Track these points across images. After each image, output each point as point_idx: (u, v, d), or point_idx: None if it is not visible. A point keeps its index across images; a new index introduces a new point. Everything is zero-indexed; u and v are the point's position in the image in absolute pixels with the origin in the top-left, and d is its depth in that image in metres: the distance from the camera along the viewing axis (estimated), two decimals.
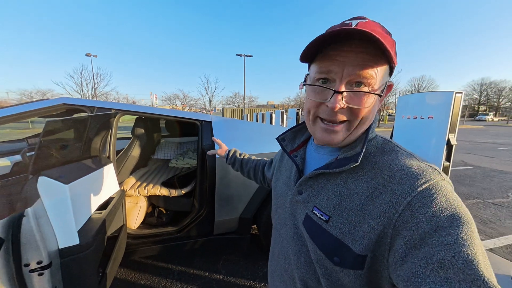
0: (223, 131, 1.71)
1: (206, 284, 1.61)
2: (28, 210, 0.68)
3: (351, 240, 0.36)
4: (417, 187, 0.32)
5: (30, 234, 0.68)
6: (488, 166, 5.30)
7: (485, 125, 24.40)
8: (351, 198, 0.37)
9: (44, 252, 0.70)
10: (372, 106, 0.38)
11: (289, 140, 0.55)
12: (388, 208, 0.33)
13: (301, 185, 0.46)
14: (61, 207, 0.75)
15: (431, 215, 0.29)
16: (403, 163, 0.36)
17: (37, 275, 0.70)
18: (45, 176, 0.71)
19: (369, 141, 0.41)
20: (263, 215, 1.74)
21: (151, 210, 1.93)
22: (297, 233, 0.46)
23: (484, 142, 9.91)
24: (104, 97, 31.20)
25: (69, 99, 1.46)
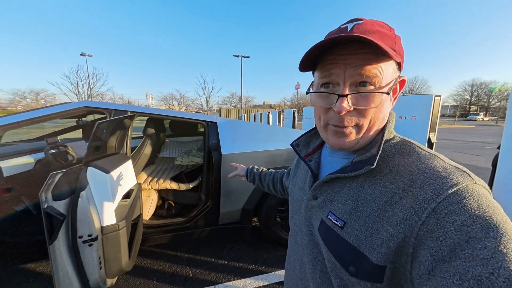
0: (227, 130, 1.90)
1: (212, 269, 1.79)
2: (83, 192, 0.85)
3: (368, 248, 0.33)
4: (442, 192, 0.29)
5: (84, 212, 0.85)
6: (475, 164, 5.61)
7: (476, 125, 25.15)
8: (368, 203, 0.35)
9: (93, 227, 0.88)
10: (382, 105, 0.36)
11: (303, 145, 0.54)
12: (410, 215, 0.30)
13: (316, 190, 0.44)
14: (103, 192, 0.92)
15: (460, 224, 0.26)
16: (426, 165, 0.33)
17: (88, 245, 0.87)
18: (92, 167, 0.89)
19: (386, 142, 0.39)
20: (263, 207, 1.93)
21: (161, 203, 2.10)
22: (312, 240, 0.44)
23: (473, 141, 10.31)
24: (100, 97, 30.93)
25: (90, 102, 1.63)
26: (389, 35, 0.35)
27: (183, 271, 1.76)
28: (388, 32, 0.35)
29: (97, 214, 0.89)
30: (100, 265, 0.91)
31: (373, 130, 0.38)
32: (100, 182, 0.91)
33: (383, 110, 0.37)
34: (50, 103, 40.49)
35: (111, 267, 0.98)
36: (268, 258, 1.92)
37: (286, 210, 2.01)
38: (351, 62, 0.34)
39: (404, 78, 0.39)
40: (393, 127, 0.42)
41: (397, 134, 0.42)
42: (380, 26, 0.35)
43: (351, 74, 0.34)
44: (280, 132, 2.12)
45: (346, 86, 0.35)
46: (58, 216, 0.80)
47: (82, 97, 27.99)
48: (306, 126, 5.38)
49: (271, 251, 2.01)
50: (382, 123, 0.39)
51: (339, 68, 0.35)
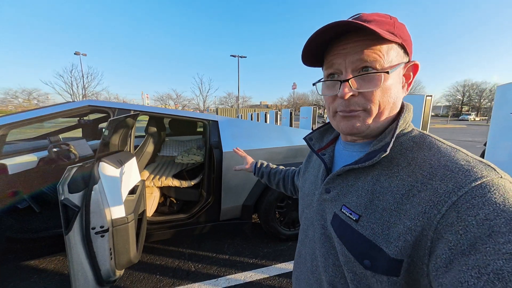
0: (228, 129, 1.96)
1: (214, 263, 1.84)
2: (95, 186, 0.90)
3: (384, 241, 0.32)
4: (464, 186, 0.28)
5: (97, 204, 0.90)
6: None
7: (467, 125, 25.76)
8: (384, 197, 0.34)
9: (105, 219, 0.92)
10: (388, 88, 0.36)
11: (317, 139, 0.54)
12: (428, 208, 0.29)
13: (328, 183, 0.44)
14: (114, 186, 0.97)
15: (483, 218, 0.25)
16: (447, 158, 0.32)
17: (100, 236, 0.92)
18: (104, 162, 0.93)
19: (405, 135, 0.38)
20: (263, 203, 1.99)
21: (163, 200, 2.15)
22: (325, 234, 0.43)
23: (464, 141, 10.60)
24: (94, 96, 30.53)
25: (93, 101, 1.66)
26: (386, 21, 0.36)
27: (186, 266, 1.81)
28: (386, 19, 0.36)
29: (108, 207, 0.94)
30: (111, 256, 0.96)
31: (384, 115, 0.37)
32: (110, 177, 0.96)
33: (391, 93, 0.36)
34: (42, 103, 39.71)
35: (120, 259, 1.03)
36: (268, 252, 1.99)
37: (285, 206, 2.08)
38: (350, 50, 0.35)
39: (416, 63, 0.39)
40: (410, 118, 0.40)
41: (415, 128, 0.40)
42: (379, 16, 0.37)
43: (351, 61, 0.35)
44: (279, 130, 2.19)
45: (348, 73, 0.36)
46: (74, 208, 0.85)
47: (77, 96, 27.57)
48: (303, 126, 5.47)
49: (271, 245, 2.08)
50: (393, 109, 0.38)
51: (340, 58, 0.37)
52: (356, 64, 0.35)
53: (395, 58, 0.36)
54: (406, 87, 0.40)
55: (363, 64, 0.35)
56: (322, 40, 0.37)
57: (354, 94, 0.36)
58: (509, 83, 1.71)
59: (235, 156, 1.86)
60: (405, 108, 0.40)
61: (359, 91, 0.36)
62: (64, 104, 1.62)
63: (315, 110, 5.25)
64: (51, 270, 1.75)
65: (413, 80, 0.41)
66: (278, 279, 1.68)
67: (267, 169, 0.85)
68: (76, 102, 1.63)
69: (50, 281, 1.64)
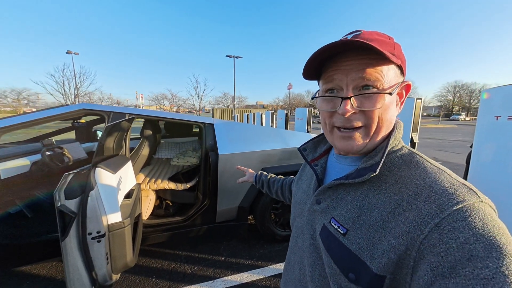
0: (224, 132, 1.98)
1: (210, 265, 1.86)
2: (92, 192, 0.91)
3: (369, 257, 0.33)
4: (447, 208, 0.29)
5: (93, 210, 0.91)
6: (455, 161, 5.98)
7: (458, 124, 26.43)
8: (371, 213, 0.35)
9: (101, 224, 0.93)
10: (387, 108, 0.37)
11: (310, 149, 0.55)
12: (412, 228, 0.30)
13: (319, 195, 0.45)
14: (110, 191, 0.98)
15: (463, 242, 0.26)
16: (432, 179, 0.33)
17: (97, 241, 0.93)
18: (100, 168, 0.94)
19: (394, 152, 0.39)
20: (258, 205, 2.02)
21: (158, 203, 2.15)
22: (313, 244, 0.44)
23: (455, 140, 10.89)
24: (87, 96, 29.95)
25: (88, 105, 1.65)
26: (387, 42, 0.37)
27: (182, 268, 1.82)
28: (386, 39, 0.37)
29: (104, 212, 0.95)
30: (108, 261, 0.97)
31: (381, 133, 0.38)
32: (107, 182, 0.97)
33: (389, 112, 0.37)
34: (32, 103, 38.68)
35: (117, 263, 1.03)
36: (263, 253, 2.01)
37: (280, 208, 2.11)
38: (353, 67, 0.36)
39: (409, 83, 0.40)
40: (400, 136, 0.41)
41: (405, 145, 0.41)
42: (378, 35, 0.37)
43: (353, 78, 0.36)
44: (273, 133, 2.22)
45: (349, 90, 0.36)
46: (70, 214, 0.85)
47: (69, 96, 26.98)
48: (299, 127, 5.53)
49: (266, 246, 2.11)
50: (389, 127, 0.39)
51: (341, 74, 0.37)
52: (358, 82, 0.36)
53: (393, 78, 0.37)
54: (400, 106, 0.41)
55: (364, 83, 0.36)
56: (325, 56, 0.38)
57: (355, 111, 0.37)
58: (493, 88, 1.79)
59: (231, 159, 1.88)
60: (396, 126, 0.41)
61: (361, 109, 0.36)
62: (58, 107, 1.60)
63: (310, 111, 5.30)
64: (43, 276, 1.73)
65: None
66: (273, 280, 1.71)
67: (266, 179, 0.86)
68: (71, 105, 1.62)
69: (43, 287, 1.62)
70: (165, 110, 35.69)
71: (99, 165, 0.95)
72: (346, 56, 0.36)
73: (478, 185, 1.90)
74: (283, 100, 55.17)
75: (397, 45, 0.38)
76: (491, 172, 1.77)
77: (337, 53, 0.37)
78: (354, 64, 0.36)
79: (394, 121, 0.41)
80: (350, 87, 0.36)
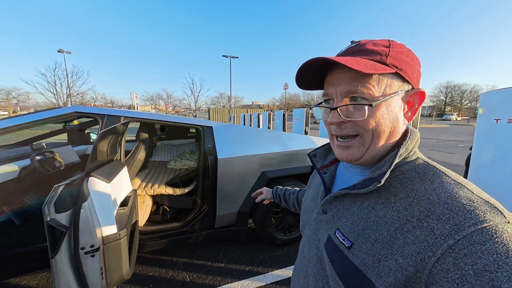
0: (223, 135, 1.92)
1: (209, 272, 1.80)
2: (85, 203, 0.84)
3: (374, 274, 0.31)
4: (463, 229, 0.26)
5: (86, 223, 0.85)
6: (449, 161, 6.06)
7: (450, 124, 27.01)
8: (378, 227, 0.33)
9: (95, 238, 0.87)
10: (382, 118, 0.35)
11: (321, 156, 0.54)
12: (423, 249, 0.28)
13: (326, 204, 0.44)
14: (105, 201, 0.92)
15: (482, 269, 0.23)
16: (449, 194, 0.30)
17: (90, 256, 0.87)
18: (93, 177, 0.88)
19: (407, 164, 0.37)
20: (258, 209, 1.97)
21: (155, 208, 2.08)
22: (317, 255, 0.43)
23: (447, 140, 11.10)
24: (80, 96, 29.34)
25: (80, 107, 1.58)
26: (378, 50, 0.35)
27: (180, 276, 1.76)
28: (379, 48, 0.36)
29: (99, 224, 0.89)
30: (102, 276, 0.91)
31: (379, 143, 0.37)
32: (101, 192, 0.91)
33: (385, 122, 0.36)
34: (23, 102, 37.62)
35: (112, 277, 0.97)
36: (264, 258, 1.97)
37: (280, 212, 2.07)
38: (340, 81, 0.37)
39: (420, 91, 0.38)
40: (414, 146, 0.38)
41: (422, 156, 0.39)
42: (373, 44, 0.37)
43: (341, 91, 0.37)
44: (273, 136, 2.18)
45: (339, 101, 0.37)
46: (61, 228, 0.79)
47: (61, 96, 26.34)
48: (296, 128, 5.51)
49: (267, 252, 2.06)
50: (391, 137, 0.37)
51: (331, 88, 0.38)
52: (345, 94, 0.37)
53: (388, 88, 0.35)
54: (410, 114, 0.39)
55: (352, 94, 0.36)
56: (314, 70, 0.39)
57: (343, 121, 0.37)
58: (492, 91, 1.80)
59: (230, 163, 1.83)
60: (408, 135, 0.39)
61: (346, 119, 0.37)
62: (49, 110, 1.53)
63: (308, 112, 5.29)
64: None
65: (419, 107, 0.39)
66: (275, 287, 1.67)
67: (282, 192, 0.84)
68: (63, 108, 1.54)
69: None
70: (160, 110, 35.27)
71: (93, 173, 0.89)
72: (337, 69, 0.37)
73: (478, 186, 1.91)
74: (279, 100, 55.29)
75: (395, 52, 0.36)
76: (490, 173, 1.78)
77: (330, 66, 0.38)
78: (341, 78, 0.37)
79: (399, 130, 0.38)
80: (339, 99, 0.37)
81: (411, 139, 0.38)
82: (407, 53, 0.37)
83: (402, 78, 0.36)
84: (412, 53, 0.38)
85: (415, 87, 0.38)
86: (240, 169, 1.87)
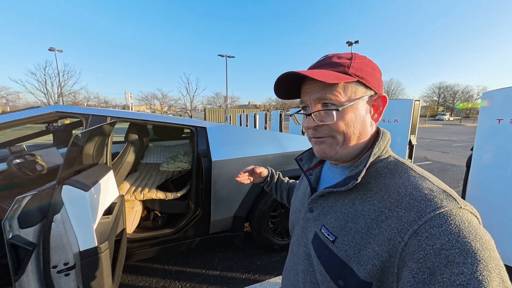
0: (217, 136, 1.83)
1: (204, 281, 1.71)
2: (57, 216, 0.74)
3: (356, 263, 0.34)
4: (425, 215, 0.30)
5: (59, 238, 0.74)
6: (444, 161, 6.10)
7: (443, 124, 27.49)
8: (357, 220, 0.37)
9: (70, 254, 0.76)
10: (351, 120, 0.39)
11: (306, 159, 0.57)
12: (394, 235, 0.31)
13: (312, 203, 0.47)
14: (82, 213, 0.81)
15: (439, 248, 0.27)
16: (413, 186, 0.34)
17: (64, 275, 0.76)
18: (68, 185, 0.77)
19: (381, 161, 0.41)
20: (255, 214, 1.89)
21: (146, 214, 1.97)
22: (305, 252, 0.46)
23: (441, 139, 11.25)
24: (72, 95, 28.69)
25: (62, 106, 1.46)
26: (341, 63, 0.40)
27: (172, 286, 1.66)
28: (343, 60, 0.40)
29: (74, 239, 0.78)
30: None
31: (351, 142, 0.41)
32: (78, 202, 0.80)
33: (354, 124, 0.40)
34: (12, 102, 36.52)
35: None
36: (261, 265, 1.89)
37: (278, 216, 1.99)
38: (311, 91, 0.41)
39: (382, 95, 0.42)
40: (385, 146, 0.43)
41: (393, 154, 0.43)
42: (338, 57, 0.41)
43: (313, 99, 0.41)
44: (270, 137, 2.09)
45: (313, 107, 0.41)
46: (27, 246, 0.68)
47: (52, 95, 25.67)
48: (293, 129, 5.45)
49: (264, 257, 1.98)
50: (362, 137, 0.41)
51: (305, 96, 0.43)
52: (317, 101, 0.41)
53: (353, 94, 0.39)
54: (377, 116, 0.43)
55: (322, 101, 0.40)
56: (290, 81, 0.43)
57: (318, 125, 0.41)
58: (494, 90, 1.75)
59: (225, 165, 1.74)
60: (380, 136, 0.42)
61: (320, 123, 0.40)
62: (29, 110, 1.41)
63: None
64: None
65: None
66: None
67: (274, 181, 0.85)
68: (43, 107, 1.43)
69: None
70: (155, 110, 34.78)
71: (67, 181, 0.78)
72: (310, 80, 0.41)
73: (480, 188, 1.87)
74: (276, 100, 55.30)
75: (356, 63, 0.39)
76: (492, 175, 1.74)
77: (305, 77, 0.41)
78: (313, 87, 0.41)
79: (368, 131, 0.42)
80: (313, 106, 0.41)
81: (383, 139, 0.42)
82: (367, 64, 0.41)
83: (365, 85, 0.40)
84: (373, 63, 0.42)
85: (377, 92, 0.42)
86: (236, 171, 1.78)
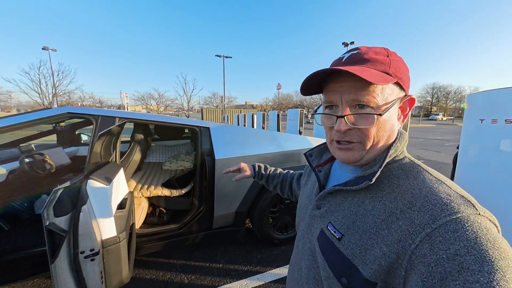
0: (220, 135, 1.92)
1: (208, 273, 1.80)
2: (84, 207, 0.83)
3: (361, 262, 0.34)
4: (439, 219, 0.29)
5: (86, 226, 0.83)
6: (437, 160, 6.31)
7: (436, 124, 28.07)
8: (366, 219, 0.36)
9: (95, 241, 0.85)
10: (382, 124, 0.37)
11: (316, 156, 0.56)
12: (404, 237, 0.30)
13: (320, 200, 0.46)
14: (104, 204, 0.90)
15: (454, 253, 0.26)
16: (429, 189, 0.33)
17: (90, 260, 0.85)
18: (93, 179, 0.86)
19: (395, 162, 0.40)
20: (256, 209, 1.99)
21: (151, 210, 2.05)
22: (310, 248, 0.46)
23: (434, 139, 11.54)
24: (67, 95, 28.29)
25: (73, 108, 1.53)
26: (382, 60, 0.37)
27: (178, 278, 1.74)
28: (382, 57, 0.37)
29: (98, 228, 0.87)
30: (102, 280, 0.89)
31: (378, 146, 0.39)
32: (100, 195, 0.89)
33: (385, 128, 0.38)
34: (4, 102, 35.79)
35: (112, 281, 0.96)
36: (262, 258, 1.99)
37: (277, 211, 2.09)
38: (345, 89, 0.38)
39: (411, 97, 0.41)
40: (403, 147, 0.42)
41: (408, 155, 0.42)
42: (375, 53, 0.38)
43: (347, 99, 0.38)
44: (269, 136, 2.20)
45: (344, 108, 0.38)
46: (61, 233, 0.77)
47: (46, 95, 25.28)
48: (291, 128, 5.56)
49: (265, 251, 2.08)
50: (388, 140, 0.40)
51: (336, 95, 0.39)
52: (351, 102, 0.38)
53: (390, 96, 0.38)
54: (402, 119, 0.42)
55: (357, 102, 0.37)
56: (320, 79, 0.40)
57: (350, 128, 0.38)
58: (477, 93, 1.89)
59: (228, 163, 1.83)
60: (398, 137, 0.41)
61: (355, 127, 0.38)
62: (42, 111, 1.48)
63: (302, 112, 5.36)
64: None
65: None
66: (273, 286, 1.68)
67: (266, 174, 0.86)
68: (55, 108, 1.50)
69: None
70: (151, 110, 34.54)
71: (92, 176, 0.87)
72: (340, 76, 0.38)
73: (465, 184, 2.01)
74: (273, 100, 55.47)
75: (395, 62, 0.38)
76: (476, 171, 1.88)
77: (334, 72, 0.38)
78: (346, 86, 0.37)
79: (395, 133, 0.41)
80: (345, 106, 0.38)
81: (400, 141, 0.41)
82: (402, 62, 0.39)
83: (400, 86, 0.39)
84: (403, 61, 0.40)
85: (407, 94, 0.41)
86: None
